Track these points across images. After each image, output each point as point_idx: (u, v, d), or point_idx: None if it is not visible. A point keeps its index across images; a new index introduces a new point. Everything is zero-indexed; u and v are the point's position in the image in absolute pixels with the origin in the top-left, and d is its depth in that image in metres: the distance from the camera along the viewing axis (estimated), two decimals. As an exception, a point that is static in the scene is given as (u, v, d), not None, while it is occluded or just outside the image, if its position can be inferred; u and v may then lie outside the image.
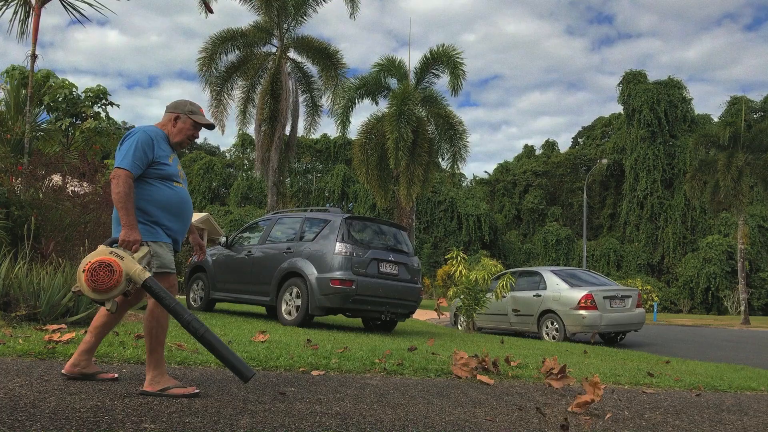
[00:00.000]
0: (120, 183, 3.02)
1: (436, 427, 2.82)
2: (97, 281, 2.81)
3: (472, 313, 11.37)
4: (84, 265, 2.85)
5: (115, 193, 3.02)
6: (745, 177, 23.60)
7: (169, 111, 3.42)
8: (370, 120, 19.97)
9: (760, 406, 4.32)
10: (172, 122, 3.38)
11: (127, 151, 3.11)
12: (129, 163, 3.07)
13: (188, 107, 3.41)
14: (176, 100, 3.50)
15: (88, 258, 2.89)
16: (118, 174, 3.05)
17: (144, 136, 3.18)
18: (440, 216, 45.87)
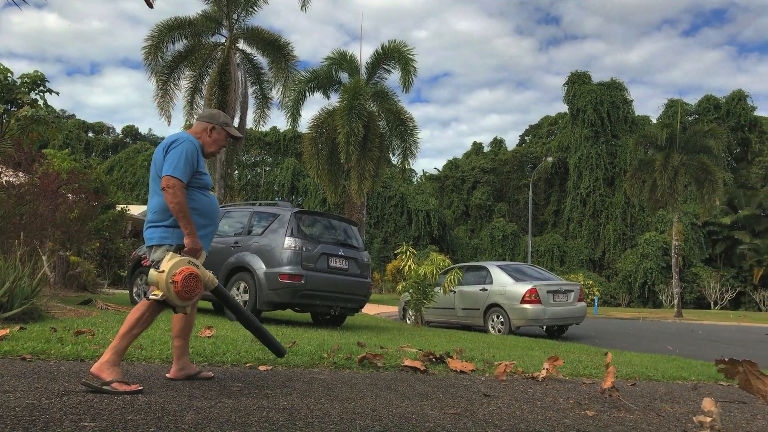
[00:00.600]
0: (178, 193, 3.17)
1: (383, 420, 2.85)
2: (189, 290, 3.06)
3: (421, 307, 11.50)
4: (172, 276, 3.03)
5: (174, 203, 3.16)
6: (680, 176, 24.69)
7: (204, 121, 3.52)
8: (321, 114, 19.86)
9: (690, 394, 4.55)
10: (208, 132, 3.49)
11: (177, 161, 3.23)
12: (181, 173, 3.21)
13: (222, 119, 3.55)
14: (210, 111, 3.61)
15: (170, 268, 3.05)
16: (174, 184, 3.18)
17: (191, 147, 3.32)
18: (390, 211, 46.08)
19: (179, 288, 3.02)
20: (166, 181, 3.19)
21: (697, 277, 36.51)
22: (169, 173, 3.21)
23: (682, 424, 3.37)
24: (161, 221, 3.31)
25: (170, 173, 3.21)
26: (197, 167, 3.35)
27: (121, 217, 16.63)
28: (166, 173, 3.23)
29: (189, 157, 3.28)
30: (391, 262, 34.13)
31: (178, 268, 3.06)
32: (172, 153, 3.27)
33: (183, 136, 3.38)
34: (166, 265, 3.08)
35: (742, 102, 43.58)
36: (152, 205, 3.37)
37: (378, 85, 19.91)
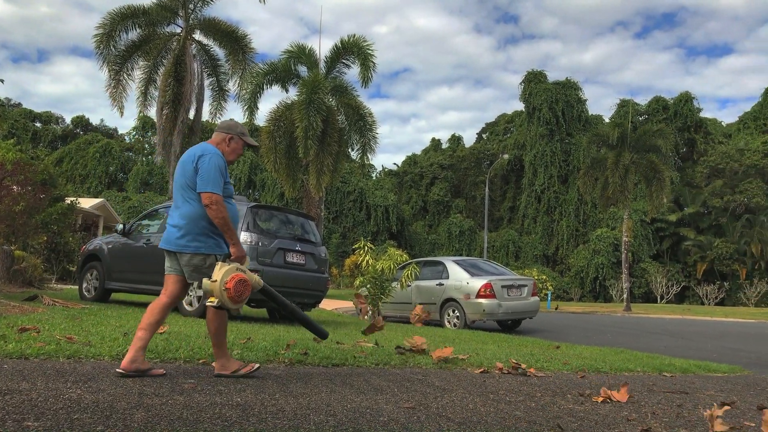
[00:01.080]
0: (220, 208, 3.47)
1: (337, 415, 2.86)
2: (240, 294, 3.42)
3: (378, 302, 11.54)
4: (224, 284, 3.37)
5: (219, 218, 3.47)
6: (630, 175, 25.46)
7: (222, 131, 3.74)
8: (278, 107, 19.61)
9: (636, 385, 4.71)
10: (226, 142, 3.72)
11: (212, 177, 3.49)
12: (218, 188, 3.50)
13: (239, 129, 3.77)
14: (227, 121, 3.84)
15: (222, 276, 3.39)
16: (215, 200, 3.47)
17: (220, 160, 3.58)
18: (349, 206, 46.02)
19: (232, 293, 3.39)
20: (208, 198, 3.46)
21: (645, 272, 37.74)
22: (208, 189, 3.46)
23: (627, 414, 3.49)
24: (192, 230, 3.55)
25: (209, 189, 3.46)
26: (226, 178, 3.61)
27: (70, 210, 16.08)
28: (203, 189, 3.48)
29: (219, 171, 3.53)
30: (349, 257, 34.12)
31: (229, 276, 3.39)
32: (204, 168, 3.50)
33: (209, 149, 3.61)
34: (217, 275, 3.40)
35: (689, 103, 45.20)
36: (183, 212, 3.58)
37: (337, 79, 19.79)
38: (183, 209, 3.58)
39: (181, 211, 3.59)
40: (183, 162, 3.62)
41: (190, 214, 3.55)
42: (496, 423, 2.99)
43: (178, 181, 3.62)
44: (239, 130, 3.75)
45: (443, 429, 2.77)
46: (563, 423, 3.10)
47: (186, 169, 3.57)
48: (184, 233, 3.54)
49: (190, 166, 3.55)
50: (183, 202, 3.59)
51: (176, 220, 3.59)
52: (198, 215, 3.54)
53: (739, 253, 37.00)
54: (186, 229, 3.54)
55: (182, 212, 3.57)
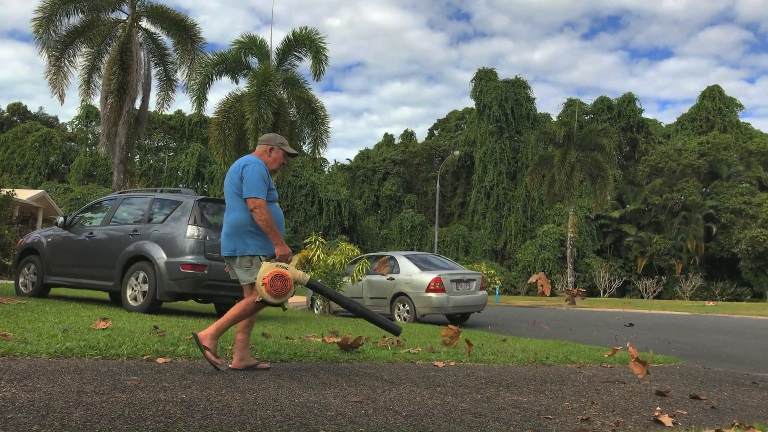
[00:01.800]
0: (263, 211, 3.80)
1: (284, 410, 2.85)
2: (277, 289, 3.68)
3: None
4: (261, 280, 3.68)
5: (263, 221, 3.80)
6: (576, 172, 26.21)
7: (264, 143, 4.13)
8: (228, 99, 19.26)
9: (577, 376, 4.88)
10: (268, 153, 4.09)
11: (255, 183, 3.84)
12: (261, 193, 3.84)
13: (279, 140, 4.15)
14: (268, 135, 4.23)
15: (260, 274, 3.71)
16: (258, 204, 3.81)
17: (262, 169, 3.94)
18: (301, 200, 45.67)
19: (269, 288, 3.67)
20: (252, 203, 3.81)
21: (589, 267, 38.96)
22: (252, 195, 3.82)
23: (568, 404, 3.61)
24: (241, 235, 3.90)
25: (253, 195, 3.82)
26: (269, 184, 3.96)
27: (6, 202, 15.36)
28: (248, 195, 3.83)
29: (263, 179, 3.89)
30: (300, 251, 33.88)
31: (266, 272, 3.70)
32: (248, 176, 3.87)
33: (252, 159, 3.98)
34: (259, 272, 3.74)
35: (632, 104, 46.82)
36: (229, 220, 3.96)
37: (289, 72, 19.58)
38: (230, 217, 3.96)
39: (228, 218, 3.98)
40: (230, 172, 3.99)
41: (235, 221, 3.92)
42: (443, 415, 3.04)
43: (227, 190, 3.99)
44: (279, 141, 4.14)
45: (390, 422, 2.80)
46: (507, 414, 3.18)
47: (233, 179, 3.94)
48: (233, 239, 3.92)
49: (236, 175, 3.93)
50: (230, 210, 3.97)
51: (225, 228, 3.99)
52: (243, 221, 3.89)
53: (675, 249, 38.63)
54: (233, 235, 3.92)
55: (229, 220, 3.97)
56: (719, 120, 45.81)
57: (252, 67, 19.35)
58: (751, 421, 3.45)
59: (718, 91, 46.90)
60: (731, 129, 45.25)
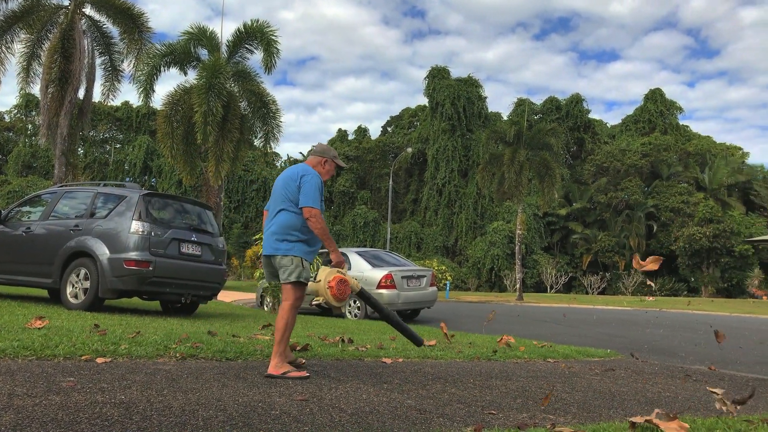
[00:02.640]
0: (320, 220, 4.02)
1: (228, 410, 2.81)
2: (342, 293, 3.98)
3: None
4: (327, 284, 3.96)
5: (318, 229, 4.01)
6: (525, 171, 26.75)
7: (318, 155, 4.33)
8: (177, 90, 18.77)
9: (522, 371, 4.99)
10: (322, 164, 4.31)
11: (312, 194, 4.04)
12: (317, 204, 4.05)
13: (332, 153, 4.37)
14: (322, 146, 4.39)
15: (325, 277, 3.98)
16: (315, 213, 4.00)
17: (319, 180, 4.16)
18: (252, 195, 45.04)
19: (335, 291, 3.94)
20: (309, 212, 3.99)
21: (537, 263, 39.89)
22: (309, 204, 4.01)
23: (512, 399, 3.69)
24: (288, 237, 4.06)
25: (310, 204, 4.01)
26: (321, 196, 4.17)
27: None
28: (305, 204, 4.01)
29: (319, 188, 4.12)
30: (251, 247, 33.41)
31: (331, 276, 3.97)
32: (306, 186, 4.06)
33: (309, 170, 4.17)
34: (321, 276, 3.99)
35: (579, 105, 48.13)
36: (279, 221, 4.10)
37: (240, 64, 19.23)
38: (280, 218, 4.10)
39: (278, 219, 4.11)
40: (287, 178, 4.17)
41: (285, 223, 4.08)
42: (388, 412, 3.06)
43: (279, 193, 4.17)
44: (332, 154, 4.37)
45: (335, 420, 2.80)
46: (452, 410, 3.23)
47: (289, 185, 4.12)
48: (279, 239, 4.07)
49: (293, 183, 4.11)
50: (281, 212, 4.11)
51: (273, 227, 4.12)
52: (292, 224, 4.06)
53: (619, 246, 39.97)
54: (280, 235, 4.07)
55: (279, 220, 4.10)
56: (660, 122, 47.62)
57: (202, 59, 18.93)
58: (683, 412, 3.61)
59: (659, 94, 48.72)
60: (671, 131, 47.10)
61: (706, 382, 4.99)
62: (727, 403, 3.36)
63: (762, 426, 3.10)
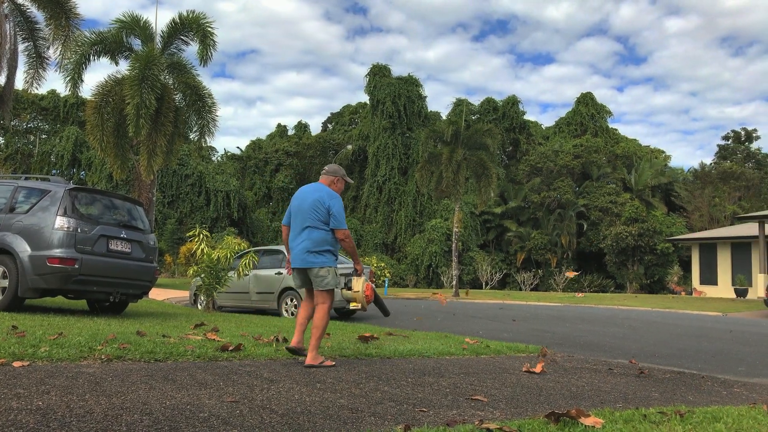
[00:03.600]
0: (351, 241, 4.83)
1: (154, 414, 2.74)
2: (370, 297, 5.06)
3: (213, 291, 11.18)
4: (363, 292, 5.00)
5: (351, 247, 4.83)
6: (462, 170, 27.24)
7: (330, 175, 4.96)
8: (108, 81, 18.00)
9: (455, 368, 5.09)
10: (335, 183, 4.96)
11: (342, 216, 4.78)
12: (346, 224, 4.83)
13: (341, 172, 5.02)
14: (333, 166, 5.02)
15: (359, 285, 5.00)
16: (348, 234, 4.81)
17: (341, 201, 4.86)
18: (187, 190, 43.82)
19: (370, 297, 5.02)
20: (343, 234, 4.77)
21: (473, 260, 40.70)
22: (343, 227, 4.77)
23: (442, 397, 3.76)
24: (321, 251, 4.73)
25: (343, 227, 4.78)
26: None
27: None
28: (338, 227, 4.75)
29: (342, 210, 4.84)
30: (185, 244, 32.52)
31: (365, 286, 4.97)
32: (336, 211, 4.76)
33: (332, 193, 4.82)
34: (357, 286, 5.00)
35: (515, 106, 49.38)
36: (312, 237, 4.74)
37: (175, 56, 18.63)
38: (314, 235, 4.73)
39: (311, 236, 4.73)
40: (315, 201, 4.74)
41: (319, 239, 4.72)
42: (320, 412, 3.06)
43: (307, 213, 4.75)
44: (341, 173, 5.01)
45: (265, 421, 2.78)
46: (383, 409, 3.26)
47: (319, 208, 4.73)
48: (314, 253, 4.72)
49: (322, 207, 4.73)
50: (313, 229, 4.73)
51: (307, 243, 4.73)
52: (324, 240, 4.73)
53: (551, 244, 41.33)
54: (315, 250, 4.72)
55: (313, 237, 4.73)
56: (591, 125, 49.52)
57: (134, 49, 18.24)
58: (604, 405, 3.78)
59: (590, 98, 50.64)
60: (601, 133, 49.07)
61: (627, 375, 5.25)
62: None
63: (675, 417, 3.29)
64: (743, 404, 3.97)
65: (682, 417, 3.28)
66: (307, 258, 4.71)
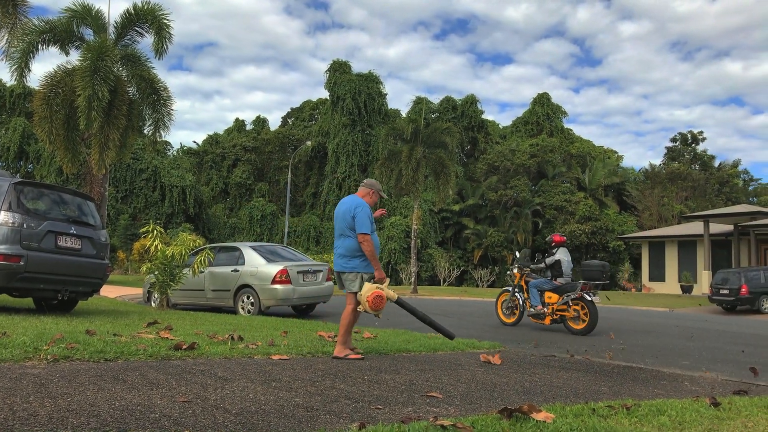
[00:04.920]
0: (369, 245, 5.18)
1: (102, 416, 2.66)
2: (376, 305, 5.04)
3: (167, 289, 10.95)
4: (366, 297, 5.02)
5: (368, 252, 5.18)
6: (421, 168, 27.41)
7: (368, 187, 5.51)
8: (57, 71, 17.38)
9: (411, 365, 5.12)
10: (370, 195, 5.48)
11: (363, 222, 5.18)
12: (367, 229, 5.19)
13: (378, 186, 5.54)
14: (371, 181, 5.54)
15: (366, 291, 5.05)
16: (366, 239, 5.17)
17: (368, 209, 5.31)
18: (141, 185, 42.76)
19: (371, 303, 5.02)
20: (362, 238, 5.17)
21: (431, 257, 41.03)
22: (361, 231, 5.17)
23: (399, 393, 3.78)
24: (351, 257, 5.25)
25: (362, 231, 5.17)
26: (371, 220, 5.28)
27: None
28: (359, 231, 5.17)
29: (368, 216, 5.26)
30: (138, 240, 31.73)
31: (369, 292, 5.03)
32: (359, 216, 5.20)
33: (360, 202, 5.31)
34: (363, 291, 5.08)
35: (474, 105, 49.94)
36: (344, 244, 5.30)
37: (129, 48, 18.10)
38: (346, 242, 5.27)
39: (344, 243, 5.28)
40: (345, 211, 5.28)
41: (350, 246, 5.25)
42: (274, 411, 3.04)
43: (340, 222, 5.32)
44: (378, 187, 5.55)
45: (218, 422, 2.74)
46: (339, 407, 3.26)
47: (346, 216, 5.26)
48: (346, 259, 5.27)
49: (349, 215, 5.24)
50: (345, 237, 5.28)
51: (340, 249, 5.32)
52: (355, 247, 5.23)
53: (507, 241, 42.02)
54: (347, 256, 5.27)
55: (345, 244, 5.28)
56: (547, 125, 50.51)
57: (86, 40, 17.65)
58: (555, 400, 3.87)
59: (546, 98, 51.64)
60: (557, 133, 50.11)
61: (578, 370, 5.39)
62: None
63: (622, 411, 3.40)
64: (687, 397, 4.13)
65: (629, 410, 3.38)
66: (339, 262, 5.31)
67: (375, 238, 5.32)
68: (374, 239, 5.30)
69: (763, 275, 18.82)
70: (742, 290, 18.14)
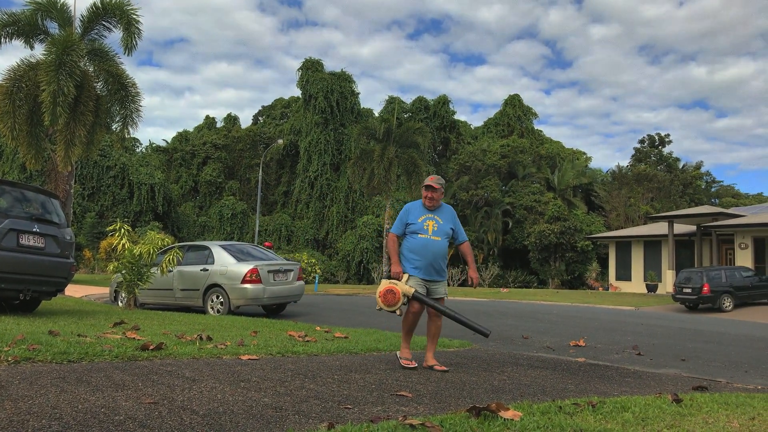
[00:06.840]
0: (389, 242, 5.27)
1: (64, 418, 2.61)
2: (388, 300, 4.92)
3: (135, 288, 10.76)
4: (379, 293, 4.96)
5: (389, 249, 5.31)
6: (393, 167, 27.50)
7: None
8: (20, 65, 16.95)
9: (381, 364, 5.13)
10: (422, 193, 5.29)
11: (397, 220, 5.23)
12: (394, 229, 5.22)
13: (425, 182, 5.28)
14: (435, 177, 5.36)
15: (379, 288, 4.99)
16: (390, 237, 5.25)
17: (403, 211, 5.24)
18: (109, 183, 41.96)
19: (382, 299, 4.94)
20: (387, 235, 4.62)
21: (403, 257, 41.26)
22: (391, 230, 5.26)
23: (369, 392, 3.78)
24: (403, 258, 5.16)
25: (391, 230, 5.25)
26: (407, 220, 5.14)
27: None
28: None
29: (400, 217, 5.21)
30: (106, 238, 31.13)
31: (383, 287, 4.96)
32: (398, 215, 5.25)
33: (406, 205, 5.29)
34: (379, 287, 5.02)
35: (446, 106, 50.25)
36: None
37: (96, 42, 17.75)
38: None
39: None
40: None
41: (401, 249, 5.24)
42: (243, 412, 3.01)
43: None
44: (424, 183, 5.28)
45: (185, 423, 2.70)
46: (308, 407, 3.25)
47: None
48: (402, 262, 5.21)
49: None
50: None
51: None
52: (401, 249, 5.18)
53: (478, 240, 42.38)
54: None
55: None
56: (518, 126, 51.10)
57: (51, 33, 17.25)
58: (524, 398, 3.92)
59: (518, 100, 52.24)
60: (527, 134, 50.74)
61: (545, 368, 5.47)
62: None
63: (587, 408, 3.46)
64: (650, 394, 4.23)
65: (594, 407, 3.45)
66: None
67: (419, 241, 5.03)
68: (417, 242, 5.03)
69: (724, 275, 19.35)
70: (704, 289, 18.62)
